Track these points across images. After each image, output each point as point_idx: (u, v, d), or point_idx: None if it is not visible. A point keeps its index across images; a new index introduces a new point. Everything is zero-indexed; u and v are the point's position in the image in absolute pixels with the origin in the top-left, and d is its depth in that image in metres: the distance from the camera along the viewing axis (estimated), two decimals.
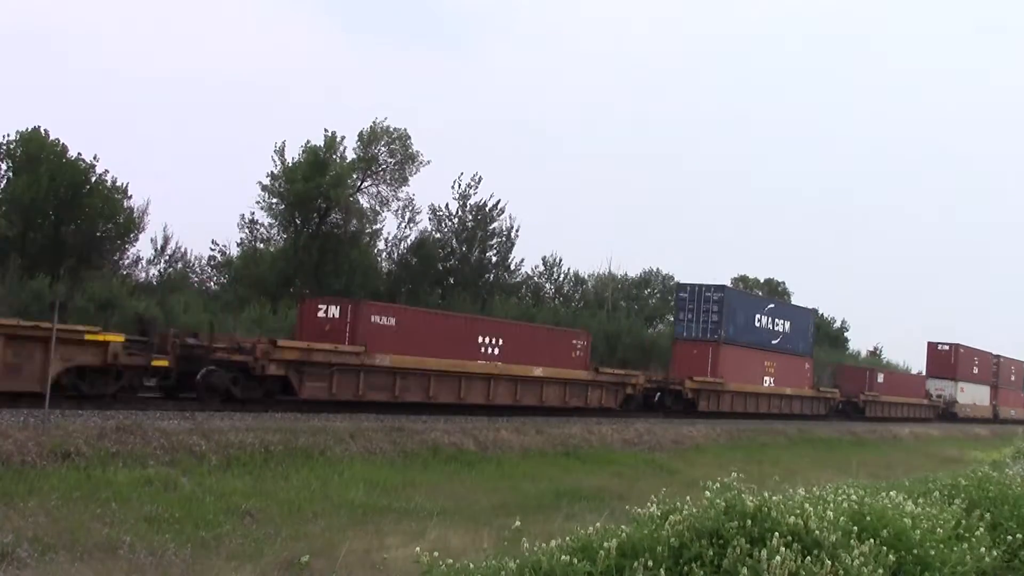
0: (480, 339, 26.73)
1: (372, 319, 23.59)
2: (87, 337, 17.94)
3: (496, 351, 26.91)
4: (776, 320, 41.59)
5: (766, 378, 40.25)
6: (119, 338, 18.63)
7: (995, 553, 8.59)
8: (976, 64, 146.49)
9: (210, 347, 20.19)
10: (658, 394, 34.35)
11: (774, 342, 41.05)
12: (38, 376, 16.75)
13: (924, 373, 60.46)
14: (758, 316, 40.21)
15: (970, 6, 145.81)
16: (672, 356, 37.73)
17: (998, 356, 65.13)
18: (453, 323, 27.00)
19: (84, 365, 17.93)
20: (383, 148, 46.02)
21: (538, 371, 28.17)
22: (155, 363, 19.20)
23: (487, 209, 48.63)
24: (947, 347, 59.41)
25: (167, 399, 20.24)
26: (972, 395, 60.77)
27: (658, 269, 66.49)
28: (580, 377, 29.85)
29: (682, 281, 41.56)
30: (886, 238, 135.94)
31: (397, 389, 24.07)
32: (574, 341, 30.39)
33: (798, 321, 43.97)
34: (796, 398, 42.89)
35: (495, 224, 49.49)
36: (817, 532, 6.79)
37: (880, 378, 50.76)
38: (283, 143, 43.60)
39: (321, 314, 23.69)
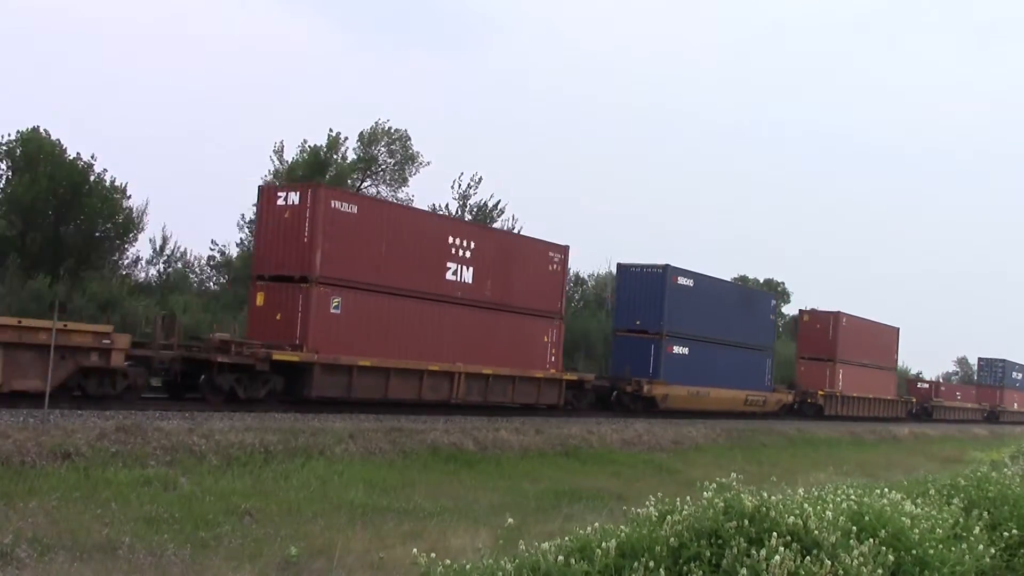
0: None
1: None
2: None
3: None
4: (1020, 373, 77.23)
5: (1014, 403, 75.25)
6: None
7: (993, 551, 8.58)
8: (977, 66, 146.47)
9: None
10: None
11: (1017, 384, 76.76)
12: None
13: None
14: (1014, 372, 75.72)
15: (971, 7, 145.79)
16: (984, 394, 71.77)
17: None
18: None
19: None
20: (383, 148, 45.94)
21: None
22: None
23: (487, 209, 48.58)
24: None
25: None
26: None
27: None
28: None
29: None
30: (887, 238, 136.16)
31: None
32: None
33: None
34: None
35: (495, 224, 49.48)
36: (816, 532, 6.77)
37: None
38: (281, 143, 43.57)
39: None
